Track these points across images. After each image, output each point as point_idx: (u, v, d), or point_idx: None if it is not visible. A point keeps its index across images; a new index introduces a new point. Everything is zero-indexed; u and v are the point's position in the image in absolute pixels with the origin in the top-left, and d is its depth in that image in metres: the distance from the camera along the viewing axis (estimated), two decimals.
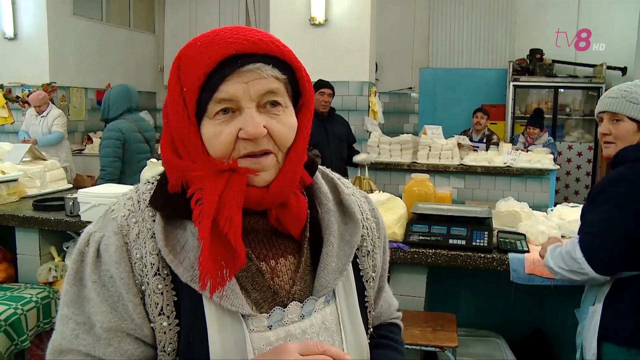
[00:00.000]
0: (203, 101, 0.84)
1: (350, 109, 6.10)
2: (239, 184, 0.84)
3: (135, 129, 4.38)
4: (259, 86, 0.84)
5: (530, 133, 6.81)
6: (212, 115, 0.85)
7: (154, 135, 4.66)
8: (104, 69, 8.68)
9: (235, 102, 0.84)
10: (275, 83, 0.86)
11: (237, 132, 0.85)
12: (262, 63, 0.84)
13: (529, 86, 8.33)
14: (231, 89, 0.83)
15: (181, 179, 0.88)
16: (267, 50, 0.85)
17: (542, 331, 3.03)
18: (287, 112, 0.89)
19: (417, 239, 2.71)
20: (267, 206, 0.90)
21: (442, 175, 5.76)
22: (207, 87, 0.84)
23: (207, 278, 0.81)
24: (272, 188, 0.88)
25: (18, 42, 7.69)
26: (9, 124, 7.93)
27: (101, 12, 8.96)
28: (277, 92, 0.86)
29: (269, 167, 0.87)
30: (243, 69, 0.83)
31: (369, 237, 1.07)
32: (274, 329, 0.90)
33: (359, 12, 5.93)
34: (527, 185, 5.62)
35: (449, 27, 9.14)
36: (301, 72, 0.91)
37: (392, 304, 1.25)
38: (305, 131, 0.93)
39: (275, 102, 0.87)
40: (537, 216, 3.01)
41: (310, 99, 0.94)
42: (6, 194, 3.57)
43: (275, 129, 0.86)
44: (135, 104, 4.58)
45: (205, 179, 0.84)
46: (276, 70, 0.86)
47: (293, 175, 0.90)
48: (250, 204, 0.87)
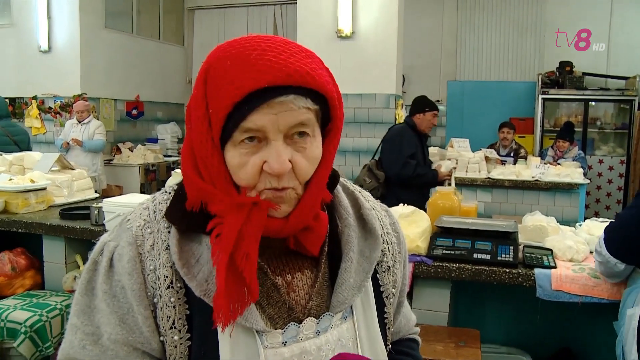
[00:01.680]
0: (229, 128, 0.81)
1: (376, 121, 6.08)
2: (259, 218, 0.81)
3: (4, 133, 5.40)
4: (289, 118, 0.80)
5: (559, 146, 6.69)
6: (238, 143, 0.81)
7: (26, 139, 5.82)
8: (134, 80, 8.85)
9: (262, 132, 0.80)
10: (306, 114, 0.81)
11: (261, 163, 0.81)
12: (296, 95, 0.79)
13: (558, 99, 8.21)
14: (259, 120, 0.79)
15: (200, 199, 0.85)
16: (302, 83, 0.79)
17: (570, 350, 2.94)
18: (314, 143, 0.85)
19: (441, 252, 2.67)
20: (286, 235, 0.88)
21: (469, 189, 5.69)
22: (234, 115, 0.79)
23: (220, 315, 0.80)
24: (291, 219, 0.85)
25: (52, 54, 7.91)
26: (41, 134, 8.13)
27: (132, 25, 9.15)
28: (307, 124, 0.82)
29: (288, 199, 0.85)
30: (274, 101, 0.78)
31: (390, 252, 1.04)
32: (288, 345, 0.88)
33: (385, 25, 5.93)
34: (556, 199, 5.51)
35: (476, 39, 9.08)
36: (334, 101, 0.86)
37: (410, 319, 1.22)
38: (330, 158, 0.90)
39: (304, 132, 0.83)
40: (565, 231, 2.94)
41: (339, 124, 0.90)
42: (35, 202, 3.63)
43: (300, 164, 0.83)
44: (4, 110, 5.66)
45: (226, 211, 0.82)
46: (309, 101, 0.81)
47: (313, 204, 0.88)
48: (269, 234, 0.86)
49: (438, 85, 9.38)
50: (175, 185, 0.95)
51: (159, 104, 9.52)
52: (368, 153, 6.09)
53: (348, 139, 6.20)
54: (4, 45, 8.29)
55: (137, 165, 7.72)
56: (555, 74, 8.31)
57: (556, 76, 8.26)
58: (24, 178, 3.73)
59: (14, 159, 4.37)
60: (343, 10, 6.00)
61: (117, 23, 8.74)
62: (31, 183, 3.66)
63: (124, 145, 8.30)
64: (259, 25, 9.84)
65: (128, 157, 7.93)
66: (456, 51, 9.21)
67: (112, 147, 8.33)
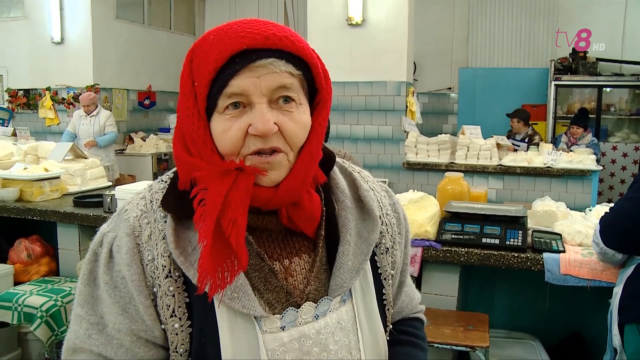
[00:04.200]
0: (213, 96, 0.82)
1: (387, 109, 6.07)
2: (246, 184, 0.81)
3: None
4: (271, 81, 0.81)
5: (573, 132, 6.63)
6: (222, 110, 0.82)
7: None
8: (146, 70, 8.89)
9: (245, 96, 0.81)
10: (289, 78, 0.82)
11: (246, 127, 0.81)
12: (275, 58, 0.81)
13: (571, 85, 8.12)
14: (242, 83, 0.80)
15: (189, 175, 0.85)
16: (281, 46, 0.81)
17: (580, 335, 2.94)
18: (300, 109, 0.85)
19: (450, 237, 2.68)
20: (276, 206, 0.88)
21: (480, 175, 5.67)
22: (217, 81, 0.81)
23: (206, 280, 0.79)
24: (281, 188, 0.85)
25: (64, 46, 7.98)
26: (55, 125, 8.22)
27: (143, 15, 9.18)
28: (291, 88, 0.83)
29: (278, 166, 0.84)
30: (255, 64, 0.80)
31: (389, 234, 1.03)
32: (287, 330, 0.88)
33: (396, 12, 5.90)
34: (568, 186, 5.47)
35: (488, 26, 9.00)
36: (317, 69, 0.87)
37: (414, 298, 1.21)
38: (320, 130, 0.89)
39: (288, 97, 0.83)
40: (574, 216, 2.94)
41: (327, 97, 0.90)
42: (49, 190, 3.69)
43: (286, 126, 0.83)
44: None
45: (210, 178, 0.82)
46: (290, 66, 0.82)
47: (305, 175, 0.87)
48: (258, 203, 0.85)
49: (449, 72, 9.33)
50: (172, 174, 0.94)
51: (171, 94, 9.56)
52: (379, 141, 6.08)
53: (359, 127, 6.19)
54: (17, 37, 8.38)
55: (149, 155, 7.78)
56: (568, 60, 8.22)
57: (569, 62, 8.16)
58: (38, 167, 3.79)
59: (28, 149, 4.44)
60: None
61: (128, 14, 8.77)
62: (45, 172, 3.72)
63: (137, 135, 8.36)
64: (270, 13, 9.83)
65: (140, 146, 7.98)
66: (468, 38, 9.14)
67: (124, 137, 8.38)
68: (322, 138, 0.91)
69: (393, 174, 6.09)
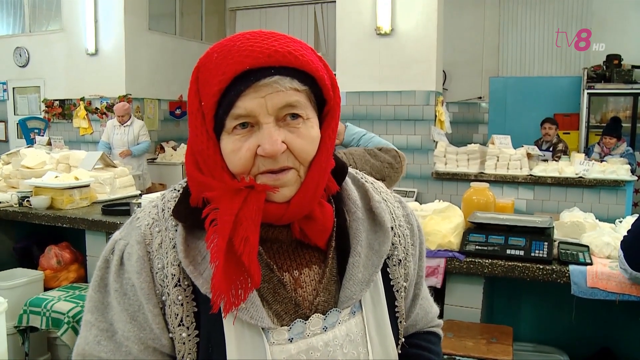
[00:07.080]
0: (220, 116, 0.82)
1: (416, 118, 6.04)
2: (256, 202, 0.81)
3: None
4: (276, 100, 0.80)
5: (606, 143, 6.48)
6: (231, 130, 0.82)
7: None
8: (177, 81, 9.03)
9: (252, 117, 0.81)
10: (294, 96, 0.81)
11: (255, 148, 0.81)
12: (280, 76, 0.80)
13: (605, 94, 7.93)
14: (248, 104, 0.80)
15: (201, 193, 0.86)
16: (284, 62, 0.80)
17: (610, 350, 2.86)
18: (308, 124, 0.84)
19: (474, 248, 2.65)
20: (288, 221, 0.87)
21: (510, 186, 5.59)
22: (223, 102, 0.81)
23: (220, 299, 0.80)
24: (292, 203, 0.85)
25: (98, 57, 8.17)
26: (88, 134, 8.41)
27: (174, 26, 9.34)
28: (297, 105, 0.82)
29: (289, 182, 0.84)
30: (259, 84, 0.79)
31: (401, 245, 1.02)
32: (294, 342, 0.88)
33: (425, 22, 5.88)
34: (600, 197, 5.35)
35: (519, 34, 8.88)
36: (324, 81, 0.85)
37: (430, 312, 1.18)
38: (330, 141, 0.88)
39: (295, 114, 0.82)
40: (603, 227, 2.86)
41: (335, 107, 0.89)
42: (79, 198, 3.77)
43: (294, 143, 0.82)
44: None
45: (221, 198, 0.82)
46: (295, 82, 0.81)
47: (316, 188, 0.86)
48: (270, 219, 0.85)
49: (480, 81, 9.22)
50: (185, 183, 0.94)
51: None
52: (408, 150, 6.04)
53: (388, 137, 6.16)
54: (54, 49, 8.62)
55: (180, 164, 7.86)
56: (602, 67, 8.04)
57: (603, 70, 7.99)
58: (68, 175, 3.88)
59: (60, 157, 4.54)
60: (382, 7, 5.97)
61: (160, 25, 8.94)
62: (75, 180, 3.81)
63: (168, 144, 8.49)
64: (300, 24, 9.89)
65: (171, 155, 8.10)
66: (498, 46, 9.03)
67: (155, 147, 8.51)
68: (332, 149, 0.90)
69: (422, 184, 6.06)
